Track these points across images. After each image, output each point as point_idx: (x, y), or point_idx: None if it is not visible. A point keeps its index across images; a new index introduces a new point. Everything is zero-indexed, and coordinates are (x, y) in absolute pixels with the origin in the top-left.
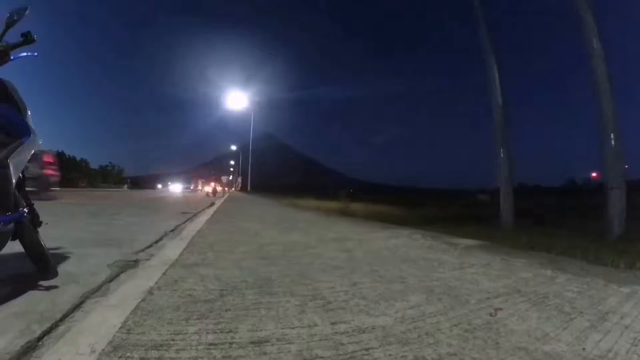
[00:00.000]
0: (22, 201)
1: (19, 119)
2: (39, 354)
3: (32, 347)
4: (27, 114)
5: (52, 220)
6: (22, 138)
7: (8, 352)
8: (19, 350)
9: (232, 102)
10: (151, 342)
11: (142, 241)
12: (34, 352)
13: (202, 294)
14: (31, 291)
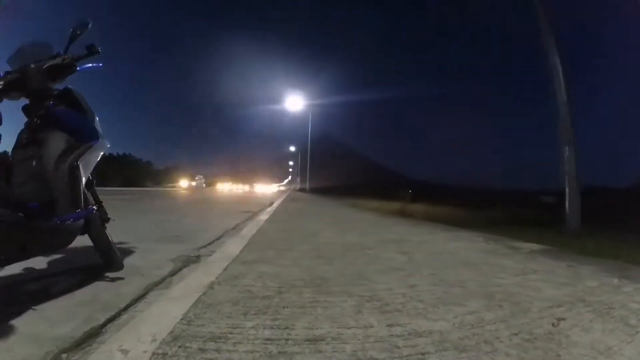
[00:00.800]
0: (91, 199)
1: (87, 124)
2: (102, 340)
3: (96, 334)
4: (95, 119)
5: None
6: (90, 142)
7: (72, 337)
8: (82, 335)
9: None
10: (210, 334)
11: (204, 238)
12: (96, 338)
13: (260, 290)
14: (97, 282)
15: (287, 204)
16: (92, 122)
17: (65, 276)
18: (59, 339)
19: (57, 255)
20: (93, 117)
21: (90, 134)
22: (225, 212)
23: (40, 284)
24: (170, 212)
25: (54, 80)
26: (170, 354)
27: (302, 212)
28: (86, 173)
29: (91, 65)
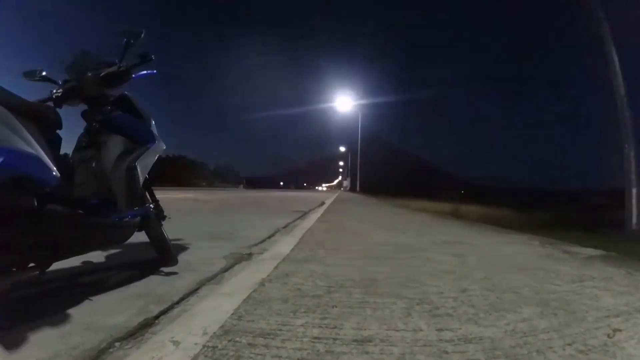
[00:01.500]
0: (148, 198)
1: (143, 128)
2: (155, 331)
3: (149, 324)
4: (151, 123)
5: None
6: (147, 144)
7: (126, 327)
8: (136, 326)
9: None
10: (259, 330)
11: (256, 236)
12: (149, 328)
13: (310, 289)
14: (152, 276)
15: (338, 204)
16: (148, 125)
17: (122, 270)
18: (113, 328)
19: (115, 249)
20: (149, 121)
21: (146, 136)
22: (276, 211)
23: (97, 276)
24: (224, 210)
25: (110, 87)
26: (220, 348)
27: (353, 212)
28: (143, 173)
29: (145, 72)
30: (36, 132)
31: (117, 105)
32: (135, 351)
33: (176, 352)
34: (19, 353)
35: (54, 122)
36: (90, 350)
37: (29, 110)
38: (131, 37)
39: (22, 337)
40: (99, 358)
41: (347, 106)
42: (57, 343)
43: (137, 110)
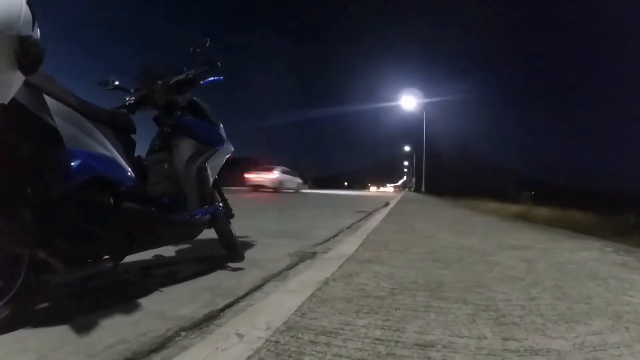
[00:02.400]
0: (217, 197)
1: (213, 131)
2: (219, 323)
3: (214, 317)
4: (219, 126)
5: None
6: (216, 146)
7: (192, 317)
8: (202, 317)
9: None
10: (321, 328)
11: (320, 235)
12: (215, 320)
13: (373, 289)
14: (219, 271)
15: (402, 204)
16: (217, 128)
17: (191, 264)
18: (180, 318)
19: (185, 245)
20: (218, 124)
21: (215, 139)
22: (340, 211)
23: (168, 269)
24: (289, 209)
25: (179, 94)
26: (282, 343)
27: (418, 213)
28: (213, 174)
29: (212, 78)
30: (112, 136)
31: (187, 110)
32: (200, 341)
33: (240, 344)
34: (91, 337)
35: (128, 127)
36: (158, 337)
37: (105, 117)
38: (197, 46)
39: (95, 323)
40: (165, 345)
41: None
42: (126, 329)
43: (206, 115)
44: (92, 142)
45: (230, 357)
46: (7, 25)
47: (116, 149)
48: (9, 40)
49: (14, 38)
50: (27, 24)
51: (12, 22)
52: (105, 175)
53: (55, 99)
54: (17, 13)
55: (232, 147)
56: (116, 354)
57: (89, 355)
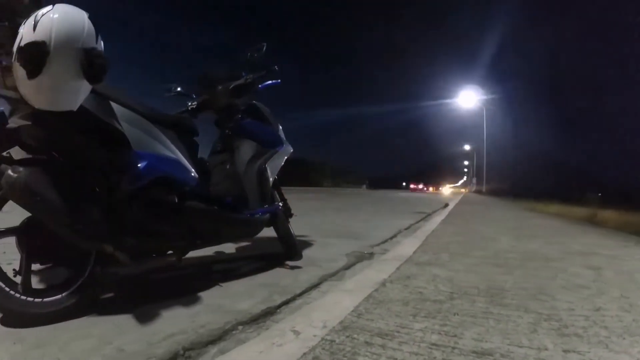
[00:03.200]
0: (277, 197)
1: (272, 133)
2: (276, 319)
3: (271, 313)
4: (278, 128)
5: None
6: (275, 147)
7: (250, 312)
8: (259, 312)
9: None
10: (377, 330)
11: (378, 236)
12: (271, 316)
13: (432, 293)
14: (278, 268)
15: (463, 206)
16: (276, 130)
17: (250, 261)
18: (238, 312)
19: (245, 242)
20: (277, 126)
21: (275, 141)
22: (398, 212)
23: (228, 265)
24: (346, 210)
25: (239, 98)
26: (337, 342)
27: (478, 214)
28: (272, 174)
29: (270, 82)
30: (176, 139)
31: (247, 113)
32: (256, 336)
33: (295, 341)
34: (152, 326)
35: (191, 131)
36: (216, 330)
37: (170, 122)
38: (255, 51)
39: (157, 313)
40: (222, 338)
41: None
42: (186, 320)
43: (265, 117)
44: (158, 145)
45: (285, 353)
46: (72, 39)
47: (180, 151)
48: (75, 52)
49: (79, 50)
50: (90, 37)
51: (76, 36)
52: (171, 175)
53: (121, 106)
54: (81, 27)
55: (291, 148)
56: (175, 343)
57: (150, 343)
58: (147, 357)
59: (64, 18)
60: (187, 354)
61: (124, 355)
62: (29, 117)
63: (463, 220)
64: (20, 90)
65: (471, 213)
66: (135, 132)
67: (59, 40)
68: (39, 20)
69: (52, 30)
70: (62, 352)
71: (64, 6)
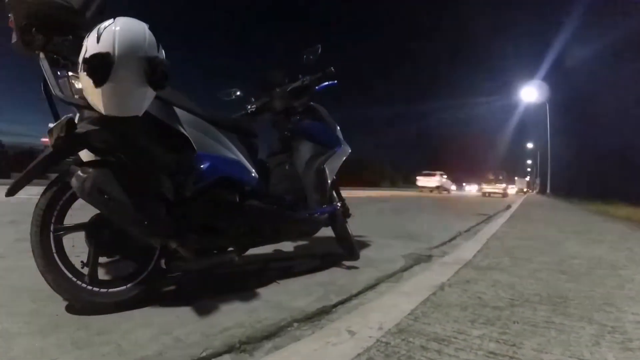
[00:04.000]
0: (335, 197)
1: (330, 134)
2: (331, 318)
3: (327, 311)
4: (336, 129)
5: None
6: (334, 148)
7: (305, 310)
8: (314, 311)
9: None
10: (434, 334)
11: (436, 238)
12: (327, 315)
13: (491, 299)
14: (335, 268)
15: (526, 208)
16: (334, 131)
17: (308, 260)
18: (294, 310)
19: (303, 242)
20: (335, 127)
21: (333, 141)
22: (458, 213)
23: (286, 263)
24: (406, 211)
25: (297, 99)
26: (392, 344)
27: (542, 218)
28: (331, 175)
29: (327, 83)
30: (237, 141)
31: (305, 114)
32: (311, 334)
33: (350, 341)
34: (210, 319)
35: (251, 132)
36: (271, 325)
37: (230, 124)
38: (310, 54)
39: (215, 307)
40: (277, 334)
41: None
42: (243, 315)
43: (323, 118)
44: (220, 147)
45: (339, 352)
46: (135, 49)
47: (241, 152)
48: (138, 61)
49: (142, 59)
50: (151, 46)
51: (138, 46)
52: (232, 176)
53: (184, 110)
54: (142, 38)
55: (349, 148)
56: (232, 336)
57: (207, 335)
58: (204, 348)
59: (125, 30)
60: (242, 347)
61: (182, 345)
62: (97, 122)
63: (526, 223)
64: (87, 98)
65: (534, 215)
66: (198, 135)
67: (122, 51)
68: (101, 33)
69: (115, 41)
70: (123, 339)
71: (124, 19)
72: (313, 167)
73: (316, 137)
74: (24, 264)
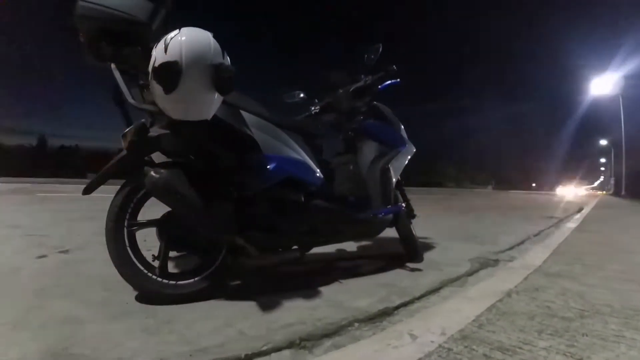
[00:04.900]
0: (400, 197)
1: (394, 133)
2: (393, 321)
3: (388, 313)
4: (400, 128)
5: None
6: (398, 147)
7: (367, 311)
8: (376, 312)
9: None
10: (498, 343)
11: (504, 241)
12: (388, 317)
13: (560, 309)
14: (398, 269)
15: (599, 210)
16: (398, 130)
17: (371, 260)
18: (355, 310)
19: (367, 242)
20: (398, 126)
21: (397, 141)
22: (527, 216)
23: (349, 263)
24: (469, 212)
25: (360, 99)
26: (455, 351)
27: (617, 221)
28: (395, 175)
29: (389, 82)
30: (302, 142)
31: (368, 114)
32: (371, 335)
33: (412, 345)
34: (272, 314)
35: (316, 133)
36: (332, 324)
37: (295, 126)
38: (371, 53)
39: (278, 303)
40: (337, 333)
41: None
42: (305, 312)
43: (386, 118)
44: (285, 148)
45: (400, 355)
46: (201, 57)
47: (306, 152)
48: (205, 68)
49: (208, 66)
50: (217, 54)
51: (204, 54)
52: (297, 176)
53: (250, 113)
54: (207, 46)
55: (414, 147)
56: (292, 332)
57: (269, 329)
58: (265, 342)
59: (191, 39)
60: (302, 344)
61: (244, 338)
62: (168, 126)
63: (599, 227)
64: (158, 104)
65: (609, 219)
66: (264, 136)
67: (189, 59)
68: (169, 43)
69: (182, 50)
70: (188, 329)
71: (189, 29)
72: (377, 167)
73: (380, 136)
74: (100, 256)
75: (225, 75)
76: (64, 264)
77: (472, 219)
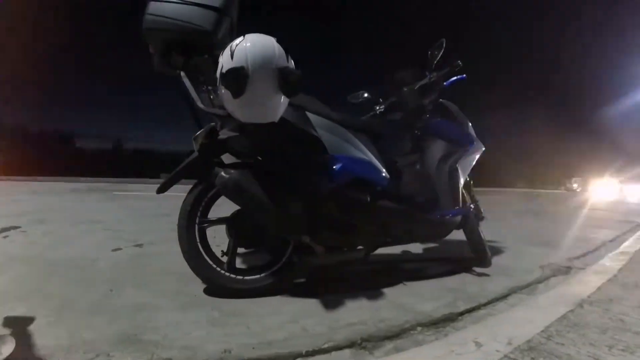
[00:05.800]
0: (468, 198)
1: (462, 131)
2: (457, 327)
3: (452, 319)
4: (468, 125)
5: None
6: (466, 146)
7: (430, 315)
8: (440, 317)
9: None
10: (566, 357)
11: (578, 247)
12: (452, 323)
13: (635, 323)
14: (465, 274)
15: None
16: (466, 128)
17: (437, 263)
18: (419, 313)
19: (433, 244)
20: (466, 124)
21: (465, 139)
22: (600, 220)
23: (414, 265)
24: (545, 214)
25: (425, 97)
26: None
27: None
28: (464, 174)
29: (455, 78)
30: (368, 142)
31: (435, 112)
32: (434, 340)
33: (476, 353)
34: (335, 313)
35: (382, 133)
36: (394, 327)
37: (361, 126)
38: (435, 49)
39: (341, 302)
40: (399, 335)
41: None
42: (367, 313)
43: (453, 115)
44: (352, 148)
45: None
46: (266, 61)
47: (372, 152)
48: (271, 72)
49: (274, 70)
50: (281, 58)
51: (269, 58)
52: (364, 176)
53: (317, 114)
54: (271, 50)
55: (483, 146)
56: (354, 332)
57: (331, 328)
58: (327, 340)
59: (255, 45)
60: (363, 344)
61: (307, 334)
62: (237, 129)
63: None
64: (227, 108)
65: None
66: (330, 137)
67: (255, 64)
68: (234, 50)
69: (248, 56)
70: (253, 322)
71: (253, 35)
72: (445, 166)
73: (447, 135)
74: (174, 250)
75: (290, 78)
76: (137, 257)
77: (548, 222)
